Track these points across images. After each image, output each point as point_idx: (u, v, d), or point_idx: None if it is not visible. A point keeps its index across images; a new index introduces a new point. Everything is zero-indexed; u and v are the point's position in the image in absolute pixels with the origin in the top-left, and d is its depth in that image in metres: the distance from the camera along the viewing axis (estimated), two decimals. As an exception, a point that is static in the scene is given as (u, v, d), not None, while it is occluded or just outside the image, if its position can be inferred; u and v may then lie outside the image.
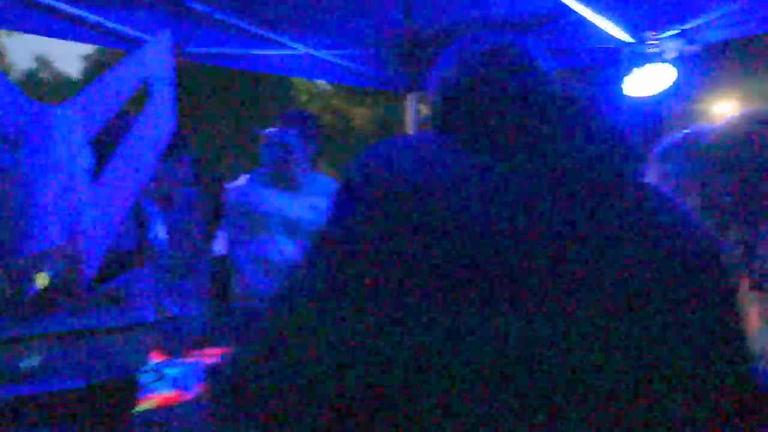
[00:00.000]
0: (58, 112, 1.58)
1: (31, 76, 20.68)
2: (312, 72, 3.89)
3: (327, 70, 3.91)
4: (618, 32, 2.83)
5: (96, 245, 1.67)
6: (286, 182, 2.69)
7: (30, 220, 1.50)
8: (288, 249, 2.69)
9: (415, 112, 4.26)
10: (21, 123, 1.52)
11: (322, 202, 2.75)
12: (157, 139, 1.79)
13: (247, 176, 2.80)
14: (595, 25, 2.88)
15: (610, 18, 2.78)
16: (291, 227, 2.70)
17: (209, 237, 2.77)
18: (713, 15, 2.57)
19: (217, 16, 2.99)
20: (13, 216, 1.48)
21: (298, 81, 13.70)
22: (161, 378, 1.49)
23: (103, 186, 1.68)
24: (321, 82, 13.01)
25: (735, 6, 2.47)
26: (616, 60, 2.88)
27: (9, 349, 1.41)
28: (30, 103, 1.56)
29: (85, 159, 1.64)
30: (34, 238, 1.50)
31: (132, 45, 3.09)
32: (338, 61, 3.84)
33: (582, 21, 3.01)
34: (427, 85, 1.00)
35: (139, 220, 1.90)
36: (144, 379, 1.41)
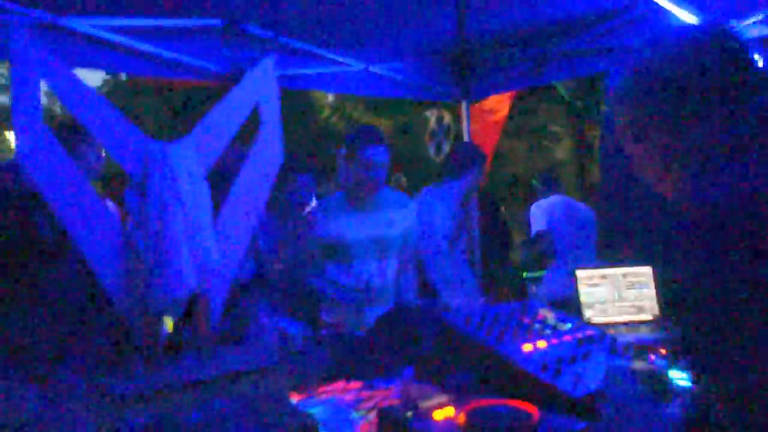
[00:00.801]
0: (178, 149, 1.53)
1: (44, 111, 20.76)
2: (366, 87, 3.84)
3: (380, 85, 3.85)
4: (695, 22, 2.73)
5: (222, 283, 1.61)
6: (366, 202, 2.61)
7: (163, 265, 1.44)
8: (377, 270, 2.61)
9: (468, 119, 4.19)
10: (145, 164, 1.46)
11: (398, 216, 2.67)
12: (270, 166, 1.72)
13: (322, 202, 2.72)
14: (665, 17, 2.79)
15: (685, 7, 2.68)
16: (378, 247, 2.63)
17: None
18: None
19: (279, 39, 2.95)
20: (147, 262, 1.42)
21: (319, 95, 13.65)
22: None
23: (225, 220, 1.62)
24: (339, 96, 12.93)
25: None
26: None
27: (164, 400, 1.35)
28: (150, 142, 1.51)
29: (205, 195, 1.58)
30: (170, 284, 1.43)
31: (193, 73, 3.05)
32: (391, 74, 3.78)
33: (649, 13, 2.93)
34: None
35: (254, 250, 1.84)
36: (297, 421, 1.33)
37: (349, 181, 2.54)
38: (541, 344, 1.42)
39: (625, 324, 2.38)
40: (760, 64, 0.98)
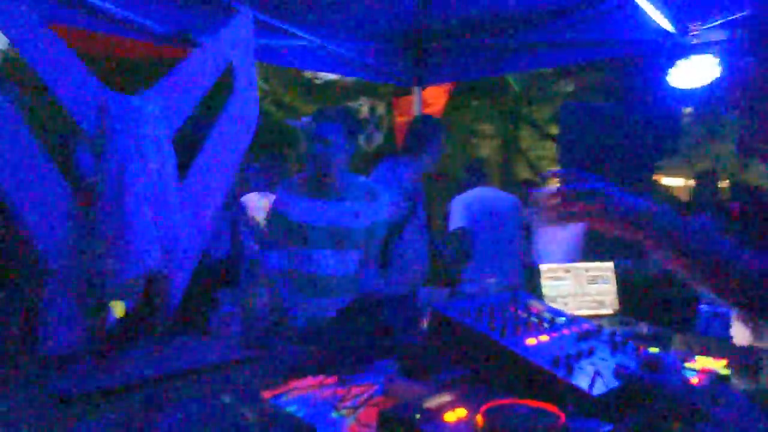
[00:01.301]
0: (142, 103, 1.30)
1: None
2: (320, 64, 3.64)
3: (333, 63, 3.67)
4: (661, 21, 2.75)
5: (187, 261, 1.40)
6: (328, 189, 2.44)
7: (121, 237, 1.21)
8: (331, 261, 2.44)
9: (420, 104, 4.09)
10: (102, 117, 1.23)
11: (366, 209, 2.51)
12: (243, 133, 1.53)
13: (285, 182, 2.52)
14: (631, 13, 2.80)
15: (654, 6, 2.69)
16: (338, 238, 2.46)
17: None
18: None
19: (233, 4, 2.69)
20: (100, 233, 1.19)
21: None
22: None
23: (192, 189, 1.41)
24: (273, 81, 12.51)
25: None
26: (660, 50, 2.81)
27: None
28: (109, 93, 1.28)
29: (171, 158, 1.36)
30: (128, 261, 1.21)
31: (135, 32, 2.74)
32: (346, 53, 3.60)
33: (613, 9, 2.93)
34: None
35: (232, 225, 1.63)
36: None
37: (306, 159, 2.38)
38: (544, 338, 1.33)
39: (587, 318, 2.36)
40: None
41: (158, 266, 1.28)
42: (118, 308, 1.30)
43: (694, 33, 2.77)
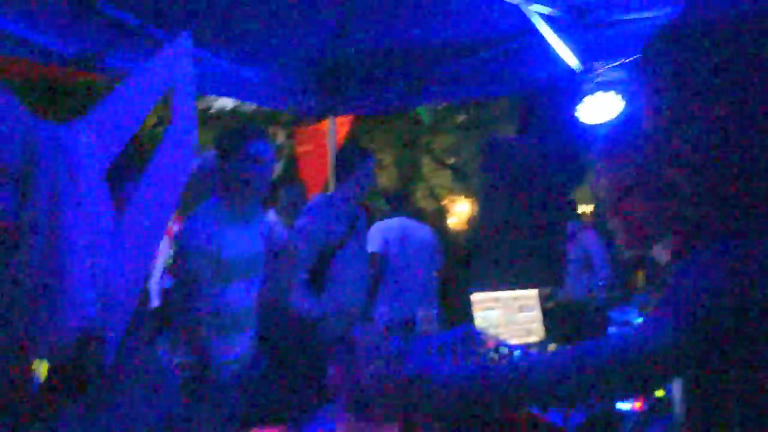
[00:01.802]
0: (74, 134, 1.15)
1: None
2: (228, 90, 3.50)
3: (244, 89, 3.55)
4: (570, 59, 2.92)
5: (123, 313, 1.24)
6: (244, 212, 2.32)
7: (54, 290, 1.05)
8: (244, 293, 2.31)
9: (334, 135, 4.05)
10: (28, 150, 1.07)
11: (260, 232, 2.46)
12: (184, 160, 1.40)
13: (196, 210, 2.34)
14: (546, 51, 2.95)
15: (564, 45, 2.85)
16: (251, 267, 2.34)
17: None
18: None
19: (146, 28, 2.52)
20: (36, 289, 1.02)
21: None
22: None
23: (129, 230, 1.26)
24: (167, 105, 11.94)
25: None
26: (570, 86, 2.98)
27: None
28: (37, 122, 1.12)
29: (106, 196, 1.21)
30: (63, 317, 1.05)
31: (34, 53, 2.49)
32: (256, 78, 3.49)
33: (526, 48, 3.08)
34: None
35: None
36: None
37: (228, 184, 2.23)
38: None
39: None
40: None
41: (94, 319, 1.13)
42: (42, 369, 1.12)
43: (599, 72, 2.97)
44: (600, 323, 3.22)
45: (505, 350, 1.47)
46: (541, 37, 2.81)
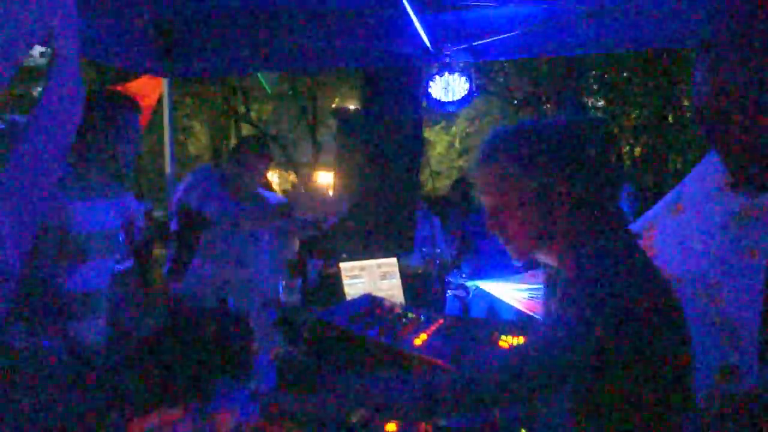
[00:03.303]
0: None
1: None
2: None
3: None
4: (425, 39, 3.05)
5: (6, 283, 1.06)
6: (101, 188, 2.07)
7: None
8: (99, 275, 2.08)
9: (170, 97, 3.75)
10: None
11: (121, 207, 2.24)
12: (71, 112, 1.21)
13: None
14: (399, 29, 3.06)
15: (419, 25, 2.97)
16: (111, 242, 2.11)
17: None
18: (497, 37, 3.01)
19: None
20: None
21: None
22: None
23: (10, 188, 1.06)
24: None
25: (516, 33, 2.95)
26: (423, 64, 3.10)
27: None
28: None
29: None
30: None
31: None
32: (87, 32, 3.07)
33: (381, 23, 3.14)
34: None
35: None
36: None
37: (87, 156, 1.96)
38: (424, 336, 1.37)
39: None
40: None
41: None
42: None
43: (448, 54, 3.15)
44: (440, 288, 3.47)
45: (412, 315, 1.53)
46: (395, 14, 2.89)
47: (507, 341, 1.48)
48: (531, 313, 3.33)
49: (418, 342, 1.33)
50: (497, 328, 1.57)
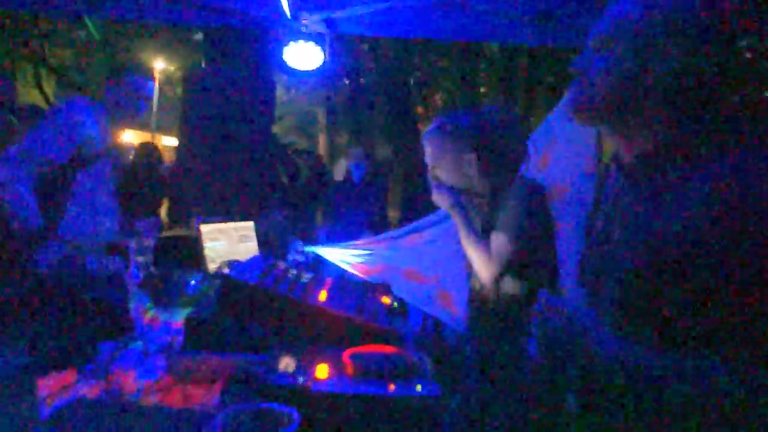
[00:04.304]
0: None
1: None
2: None
3: None
4: (283, 3, 3.05)
5: None
6: None
7: None
8: None
9: None
10: None
11: None
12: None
13: None
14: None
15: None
16: None
17: None
18: (356, 11, 3.11)
19: None
20: None
21: None
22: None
23: None
24: None
25: (377, 7, 3.07)
26: (279, 29, 3.09)
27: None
28: None
29: None
30: None
31: None
32: None
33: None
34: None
35: None
36: None
37: None
38: (324, 293, 1.46)
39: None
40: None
41: None
42: None
43: (304, 22, 3.19)
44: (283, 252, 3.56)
45: (305, 275, 1.61)
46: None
47: (386, 300, 1.65)
48: (362, 276, 3.54)
49: (322, 298, 1.43)
50: (375, 288, 1.72)
